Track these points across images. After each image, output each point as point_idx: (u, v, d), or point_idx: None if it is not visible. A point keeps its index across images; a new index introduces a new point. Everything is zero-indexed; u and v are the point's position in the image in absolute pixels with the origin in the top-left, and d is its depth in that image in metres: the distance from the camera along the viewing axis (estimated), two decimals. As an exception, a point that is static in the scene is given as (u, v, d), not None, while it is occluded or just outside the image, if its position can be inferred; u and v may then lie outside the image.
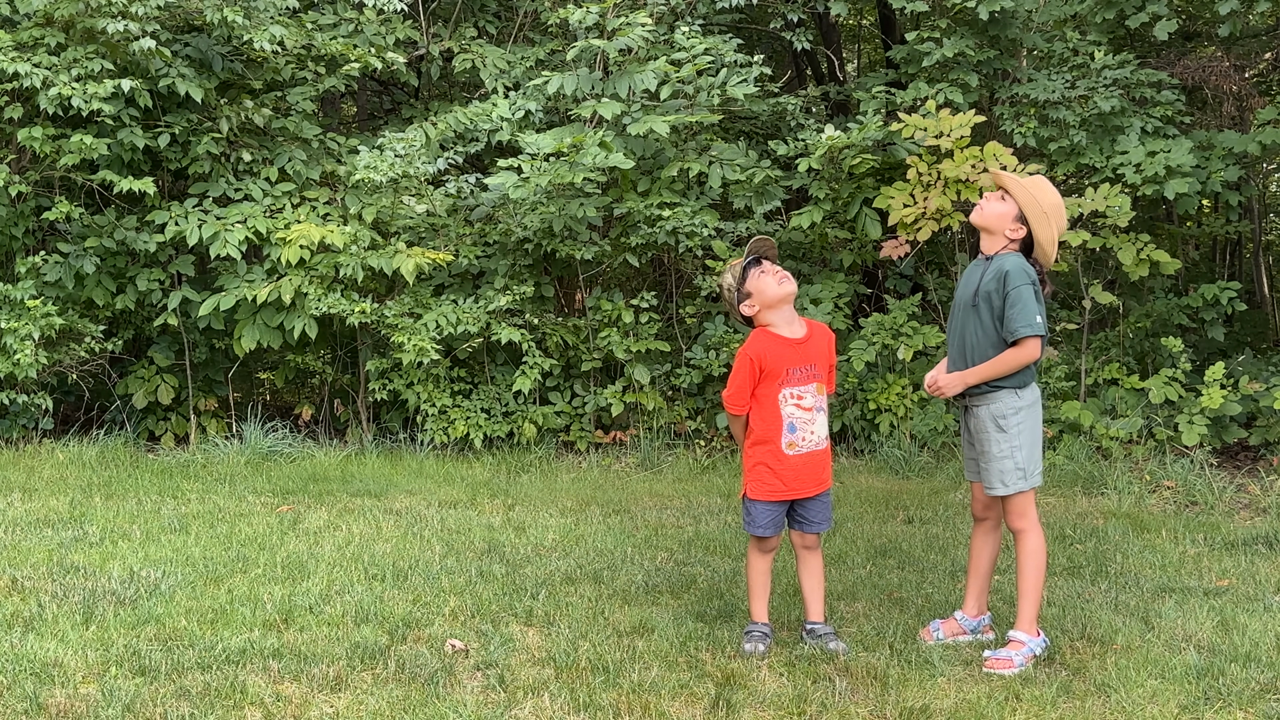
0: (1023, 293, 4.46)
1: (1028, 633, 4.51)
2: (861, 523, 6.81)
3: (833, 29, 12.55)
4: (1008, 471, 4.53)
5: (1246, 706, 4.04)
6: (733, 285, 4.63)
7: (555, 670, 4.28)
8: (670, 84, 9.19)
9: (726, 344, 9.16)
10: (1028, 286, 4.47)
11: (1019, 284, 4.47)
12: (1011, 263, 4.53)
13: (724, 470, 8.51)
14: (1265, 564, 5.89)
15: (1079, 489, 7.78)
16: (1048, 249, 4.61)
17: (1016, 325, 4.46)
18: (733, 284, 4.64)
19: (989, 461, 4.58)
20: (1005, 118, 9.42)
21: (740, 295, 4.62)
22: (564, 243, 9.10)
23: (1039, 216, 4.58)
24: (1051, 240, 4.60)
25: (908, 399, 8.92)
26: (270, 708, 3.89)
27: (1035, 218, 4.58)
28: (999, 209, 4.63)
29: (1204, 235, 12.74)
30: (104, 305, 9.00)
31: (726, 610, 5.03)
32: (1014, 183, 4.62)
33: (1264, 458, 8.49)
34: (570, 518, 6.87)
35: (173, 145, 9.01)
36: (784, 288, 4.58)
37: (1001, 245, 4.63)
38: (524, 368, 8.96)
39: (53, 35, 8.59)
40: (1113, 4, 9.46)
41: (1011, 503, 4.58)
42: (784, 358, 4.54)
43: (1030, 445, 4.56)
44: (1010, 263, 4.54)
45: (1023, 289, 4.46)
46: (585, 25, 9.23)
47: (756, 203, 9.36)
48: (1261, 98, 10.74)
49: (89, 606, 4.84)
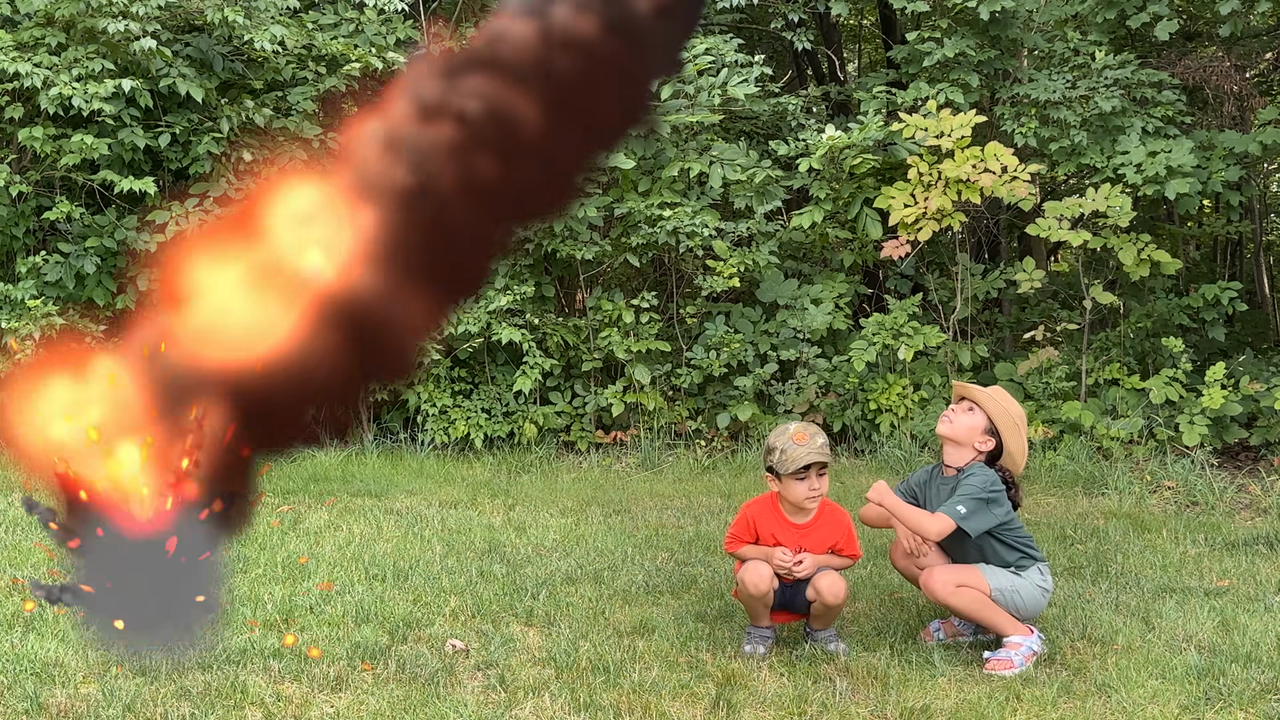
0: (971, 483, 4.49)
1: (1020, 634, 4.51)
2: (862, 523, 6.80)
3: (833, 29, 12.54)
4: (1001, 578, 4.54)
5: (1247, 707, 4.04)
6: (774, 448, 4.56)
7: (555, 670, 4.28)
8: (670, 84, 9.19)
9: (727, 344, 9.16)
10: (980, 483, 4.48)
11: (971, 477, 4.52)
12: (978, 470, 4.57)
13: (724, 470, 8.51)
14: (1266, 564, 5.89)
15: (1079, 489, 7.77)
16: (1018, 459, 4.65)
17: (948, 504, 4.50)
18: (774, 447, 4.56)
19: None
20: (1006, 118, 9.41)
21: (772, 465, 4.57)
22: (564, 242, 9.10)
23: (1010, 427, 4.62)
24: (1022, 450, 4.66)
25: (908, 399, 8.92)
26: (270, 708, 3.89)
27: (1007, 428, 4.61)
28: (969, 421, 4.63)
29: (1205, 235, 12.74)
30: (104, 305, 9.00)
31: (727, 610, 5.03)
32: (982, 394, 4.67)
33: (1264, 458, 8.48)
34: (570, 518, 6.87)
35: (173, 145, 9.01)
36: (808, 504, 4.58)
37: (970, 457, 4.64)
38: (524, 368, 8.96)
39: (53, 35, 8.60)
40: (1113, 4, 9.45)
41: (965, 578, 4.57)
42: (777, 535, 4.63)
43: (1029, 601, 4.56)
44: (977, 470, 4.57)
45: (973, 479, 4.50)
46: (586, 25, 9.22)
47: (757, 203, 9.37)
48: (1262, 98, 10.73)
49: (89, 606, 4.83)
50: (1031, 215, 9.42)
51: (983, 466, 4.62)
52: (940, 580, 4.52)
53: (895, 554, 4.87)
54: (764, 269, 9.40)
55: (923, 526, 4.51)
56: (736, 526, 4.74)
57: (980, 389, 4.70)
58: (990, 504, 4.49)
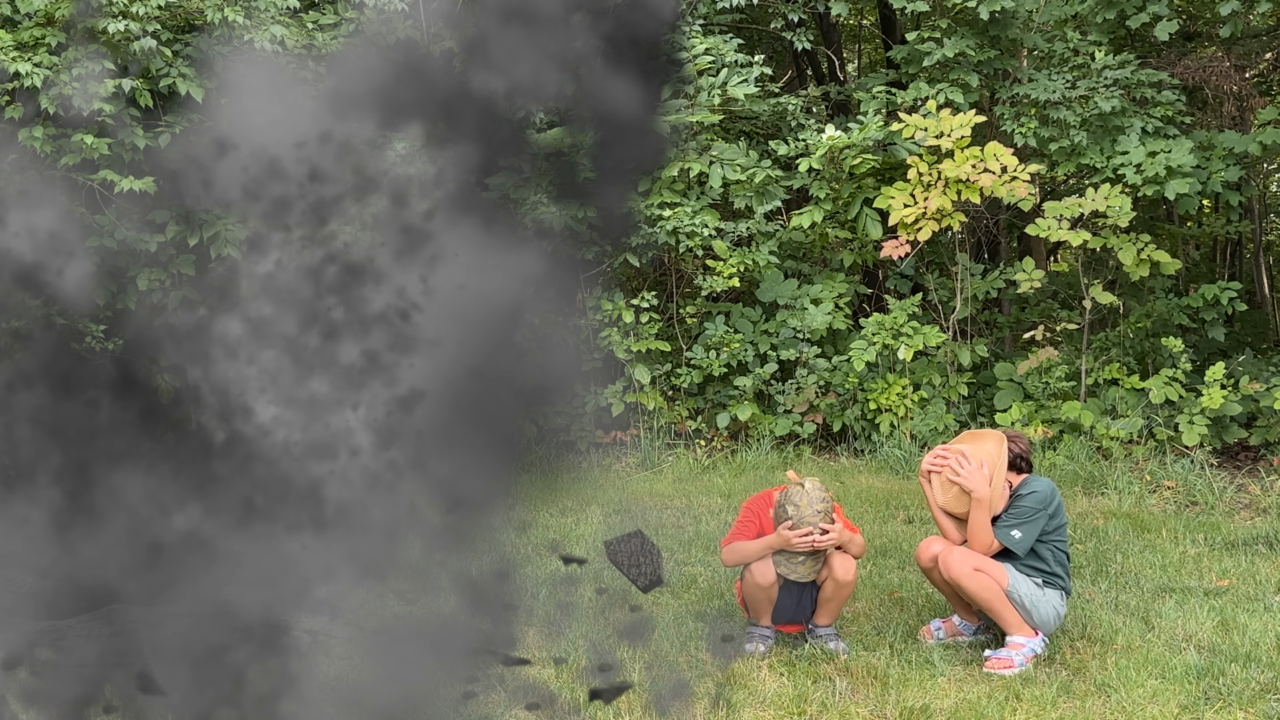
0: (1027, 503, 4.60)
1: (1025, 635, 4.51)
2: (861, 523, 6.80)
3: (833, 29, 12.54)
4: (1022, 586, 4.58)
5: (1246, 706, 4.04)
6: (783, 506, 4.55)
7: (556, 670, 4.28)
8: (670, 84, 9.19)
9: (727, 344, 9.16)
10: (1037, 501, 4.60)
11: (1030, 496, 4.63)
12: (1037, 484, 4.70)
13: (724, 470, 8.51)
14: (1265, 564, 5.89)
15: (1079, 489, 7.77)
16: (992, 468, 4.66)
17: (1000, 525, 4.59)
18: (783, 505, 4.55)
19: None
20: (1006, 118, 9.41)
21: (781, 514, 4.57)
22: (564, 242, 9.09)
23: (986, 455, 4.64)
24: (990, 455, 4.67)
25: (908, 399, 8.92)
26: (270, 707, 3.89)
27: (986, 457, 4.63)
28: (978, 476, 4.59)
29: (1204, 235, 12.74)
30: (104, 305, 9.00)
31: (726, 610, 5.03)
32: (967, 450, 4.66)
33: (1264, 458, 8.48)
34: (570, 517, 6.87)
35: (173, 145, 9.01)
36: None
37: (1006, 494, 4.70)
38: (524, 367, 8.95)
39: (53, 35, 8.60)
40: (1113, 4, 9.45)
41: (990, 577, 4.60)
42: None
43: (1041, 620, 4.59)
44: (1036, 485, 4.69)
45: (1031, 497, 4.61)
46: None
47: (757, 203, 9.37)
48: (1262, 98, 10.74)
49: (89, 606, 4.84)
50: (1031, 215, 9.42)
51: (1038, 478, 4.70)
52: (959, 560, 4.52)
53: (922, 551, 4.80)
54: (764, 269, 9.40)
55: (978, 536, 4.55)
56: (741, 523, 4.75)
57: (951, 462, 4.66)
58: (1042, 517, 4.59)
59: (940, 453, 4.66)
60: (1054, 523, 4.61)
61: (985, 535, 4.53)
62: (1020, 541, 4.53)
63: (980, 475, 4.53)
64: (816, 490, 4.47)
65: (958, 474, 4.55)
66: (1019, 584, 4.53)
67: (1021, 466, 4.72)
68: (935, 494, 4.65)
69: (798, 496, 4.48)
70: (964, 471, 4.54)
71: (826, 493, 4.53)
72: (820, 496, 4.47)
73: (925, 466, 4.69)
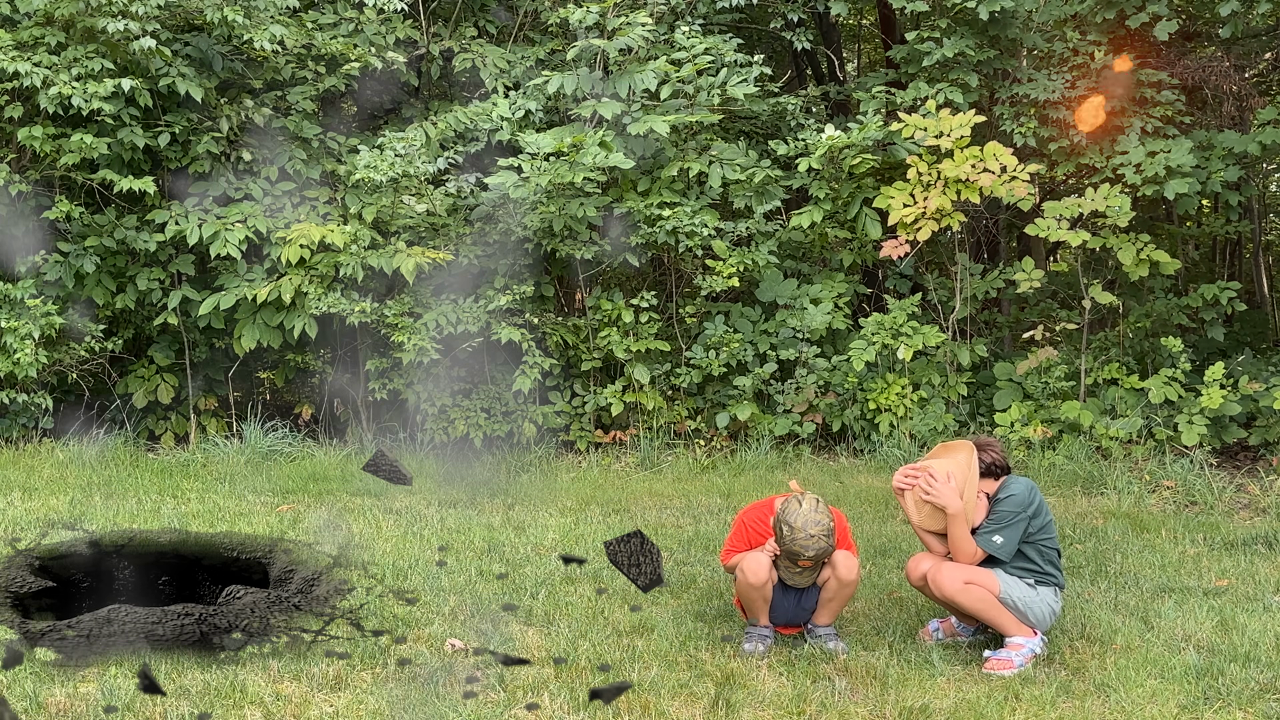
0: (1005, 507, 4.58)
1: (1024, 635, 4.51)
2: (861, 523, 6.80)
3: (833, 29, 12.55)
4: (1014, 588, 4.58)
5: (1246, 706, 4.05)
6: (780, 522, 4.52)
7: (555, 670, 4.28)
8: (670, 84, 9.20)
9: (726, 343, 9.16)
10: (1016, 505, 4.57)
11: (1009, 499, 4.61)
12: (1015, 487, 4.66)
13: (724, 470, 8.51)
14: (1265, 564, 5.89)
15: (1079, 489, 7.78)
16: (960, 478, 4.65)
17: (980, 533, 4.59)
18: (780, 521, 4.52)
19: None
20: (1005, 117, 9.41)
21: (779, 532, 4.55)
22: (564, 242, 9.11)
23: (954, 468, 4.63)
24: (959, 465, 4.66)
25: (907, 399, 8.92)
26: (270, 707, 3.90)
27: (953, 468, 4.63)
28: (945, 490, 4.58)
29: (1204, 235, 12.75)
30: (104, 304, 9.00)
31: (726, 610, 5.03)
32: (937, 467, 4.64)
33: (1264, 458, 8.49)
34: (570, 517, 6.87)
35: (173, 144, 9.01)
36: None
37: (983, 505, 4.69)
38: (524, 367, 8.96)
39: (53, 34, 8.60)
40: (1113, 4, 9.45)
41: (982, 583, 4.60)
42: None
43: (1038, 619, 4.59)
44: (1014, 488, 4.66)
45: (1010, 500, 4.59)
46: (585, 25, 9.23)
47: (756, 202, 9.37)
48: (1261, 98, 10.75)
49: (89, 606, 4.84)
50: (1030, 215, 9.42)
51: (1016, 479, 4.67)
52: (949, 576, 4.53)
53: (912, 570, 4.79)
54: (763, 269, 9.41)
55: (960, 548, 4.55)
56: (734, 538, 4.76)
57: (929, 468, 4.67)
58: (1022, 520, 4.57)
59: (909, 471, 4.65)
60: (1038, 522, 4.59)
61: (968, 546, 4.55)
62: (1003, 546, 4.53)
63: (949, 490, 4.52)
64: (812, 511, 4.43)
65: (928, 492, 4.55)
66: (1011, 588, 4.53)
67: (997, 473, 4.69)
68: (911, 512, 4.66)
69: (793, 516, 4.45)
70: (933, 489, 4.54)
71: (824, 513, 4.48)
72: (815, 520, 4.43)
73: (896, 484, 4.70)
